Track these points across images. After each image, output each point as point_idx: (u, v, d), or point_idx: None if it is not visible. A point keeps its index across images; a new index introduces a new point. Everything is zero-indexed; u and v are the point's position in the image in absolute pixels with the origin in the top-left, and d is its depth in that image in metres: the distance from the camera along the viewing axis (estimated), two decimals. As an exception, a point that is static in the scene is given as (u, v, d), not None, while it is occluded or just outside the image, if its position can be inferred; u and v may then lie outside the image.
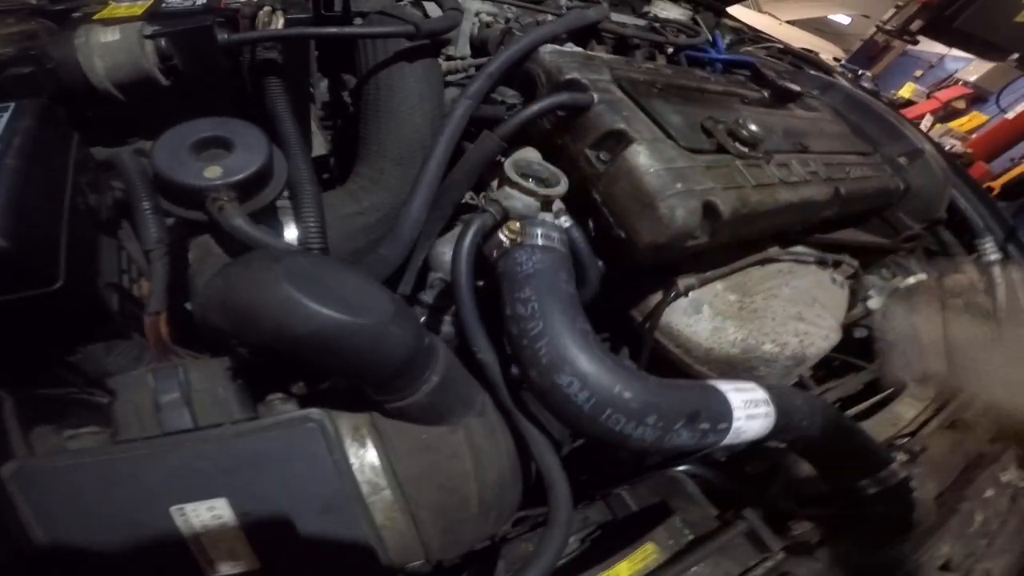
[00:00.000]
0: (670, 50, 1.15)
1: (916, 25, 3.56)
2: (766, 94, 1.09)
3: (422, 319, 0.63)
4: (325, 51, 0.92)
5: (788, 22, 4.74)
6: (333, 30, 0.70)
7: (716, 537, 0.63)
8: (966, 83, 4.41)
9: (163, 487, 0.37)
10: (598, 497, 0.75)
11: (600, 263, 0.65)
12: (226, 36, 0.64)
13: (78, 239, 0.41)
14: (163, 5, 0.66)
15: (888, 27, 4.02)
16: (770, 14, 4.19)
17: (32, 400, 0.42)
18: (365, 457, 0.45)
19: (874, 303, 0.97)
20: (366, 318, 0.36)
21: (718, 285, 0.75)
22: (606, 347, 0.46)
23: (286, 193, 0.57)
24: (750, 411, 0.52)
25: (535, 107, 0.66)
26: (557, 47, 0.83)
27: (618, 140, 0.65)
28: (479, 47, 0.97)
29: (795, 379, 0.83)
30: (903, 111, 4.42)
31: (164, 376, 0.38)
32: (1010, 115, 3.73)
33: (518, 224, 0.51)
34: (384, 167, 0.68)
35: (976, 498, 0.80)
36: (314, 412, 0.39)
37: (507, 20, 1.01)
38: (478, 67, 0.90)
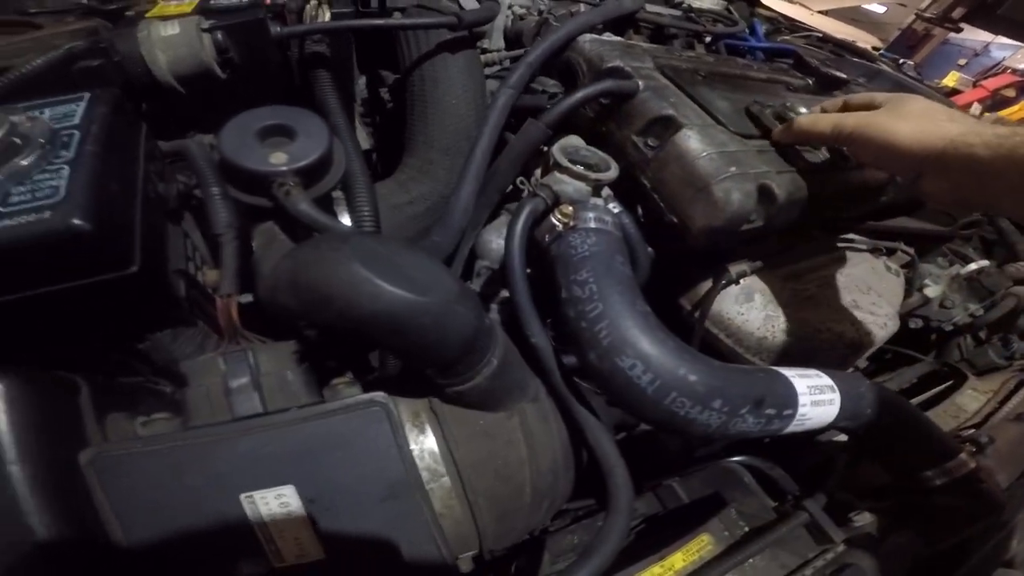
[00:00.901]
0: (708, 39, 1.13)
1: (958, 12, 3.39)
2: (811, 82, 1.06)
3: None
4: (363, 48, 0.93)
5: (820, 12, 4.59)
6: (379, 22, 0.71)
7: (774, 528, 0.61)
8: (1015, 71, 4.20)
9: (234, 474, 0.37)
10: (647, 489, 0.74)
11: (649, 249, 0.63)
12: (278, 29, 0.65)
13: (150, 226, 0.42)
14: (211, 2, 0.68)
15: (928, 14, 3.85)
16: (801, 4, 4.07)
17: (103, 387, 0.43)
18: (425, 443, 0.45)
19: (931, 291, 0.93)
20: (432, 297, 0.36)
21: (770, 273, 0.73)
22: (668, 329, 0.45)
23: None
24: (815, 397, 0.51)
25: (580, 94, 0.66)
26: (596, 36, 0.82)
27: (666, 126, 0.64)
28: (513, 39, 0.97)
29: (851, 369, 0.80)
30: (951, 99, 4.25)
31: (234, 360, 0.39)
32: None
33: (570, 208, 0.50)
34: (432, 157, 0.69)
35: (1046, 492, 0.76)
36: (379, 395, 0.39)
37: (540, 12, 1.01)
38: (513, 59, 0.90)
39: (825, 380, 0.53)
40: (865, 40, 4.72)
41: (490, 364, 0.43)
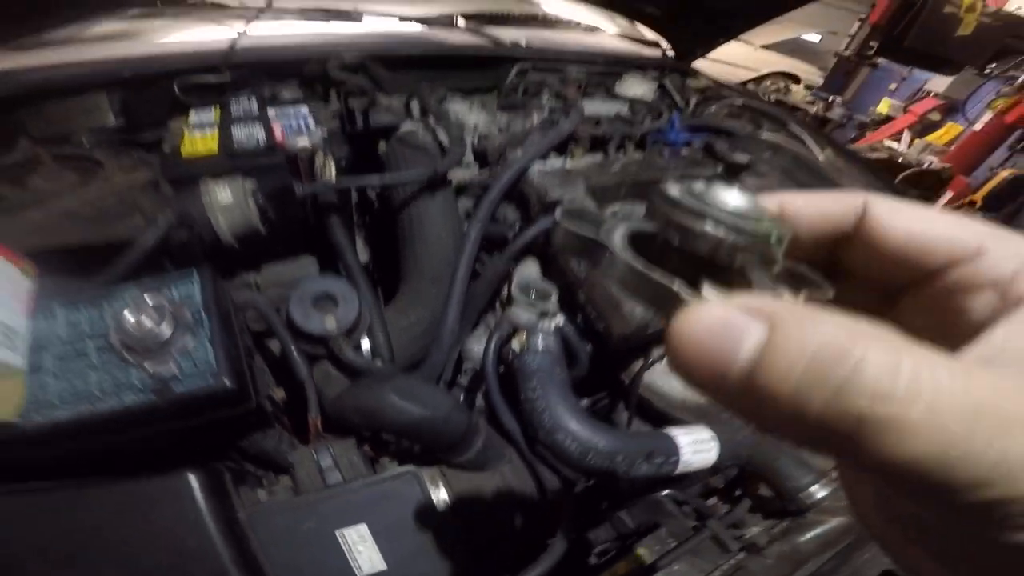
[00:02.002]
0: (638, 136, 1.46)
1: (872, 48, 3.92)
2: (719, 169, 1.40)
3: (460, 397, 0.94)
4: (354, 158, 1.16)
5: (763, 47, 5.15)
6: (376, 180, 1.00)
7: (688, 542, 0.91)
8: (936, 95, 4.62)
9: (331, 519, 0.66)
10: (605, 519, 1.03)
11: (589, 346, 0.94)
12: (301, 189, 0.87)
13: (250, 368, 0.71)
14: (235, 144, 0.84)
15: (846, 53, 4.39)
16: (745, 41, 4.60)
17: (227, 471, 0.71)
18: (440, 495, 0.74)
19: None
20: (438, 412, 0.66)
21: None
22: (589, 413, 0.75)
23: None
24: (696, 447, 0.81)
25: (528, 235, 0.96)
26: (542, 167, 1.14)
27: (592, 252, 0.95)
28: (480, 155, 1.27)
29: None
30: (883, 128, 4.64)
31: (322, 451, 0.68)
32: (977, 126, 3.95)
33: (524, 335, 0.81)
34: (422, 287, 0.97)
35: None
36: (411, 467, 0.69)
37: (500, 130, 1.33)
38: (481, 184, 1.20)
39: (706, 433, 0.84)
40: (806, 71, 5.30)
41: (476, 445, 0.73)
